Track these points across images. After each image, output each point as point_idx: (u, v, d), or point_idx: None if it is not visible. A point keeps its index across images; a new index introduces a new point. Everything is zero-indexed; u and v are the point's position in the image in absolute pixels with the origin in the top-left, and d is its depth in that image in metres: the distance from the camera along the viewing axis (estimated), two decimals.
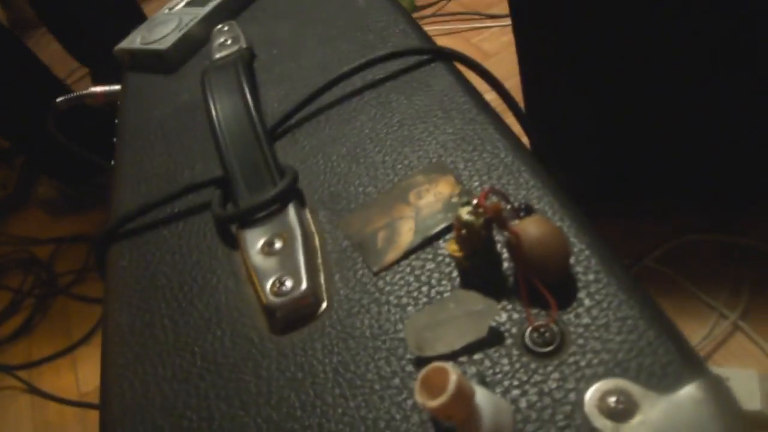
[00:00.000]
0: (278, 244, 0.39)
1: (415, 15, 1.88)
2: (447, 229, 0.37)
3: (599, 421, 0.27)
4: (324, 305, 0.36)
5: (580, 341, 0.30)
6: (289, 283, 0.36)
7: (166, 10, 0.70)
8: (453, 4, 1.92)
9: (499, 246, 0.35)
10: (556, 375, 0.30)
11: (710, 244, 1.01)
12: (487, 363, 0.31)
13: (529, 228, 0.32)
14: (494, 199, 0.34)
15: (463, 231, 0.32)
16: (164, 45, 0.63)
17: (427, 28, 0.59)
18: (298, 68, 0.56)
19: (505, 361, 0.31)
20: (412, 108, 0.46)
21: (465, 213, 0.32)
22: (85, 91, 0.75)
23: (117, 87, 0.72)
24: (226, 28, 0.64)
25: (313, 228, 0.40)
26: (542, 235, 0.32)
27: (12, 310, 1.49)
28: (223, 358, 0.36)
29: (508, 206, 0.34)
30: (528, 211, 0.35)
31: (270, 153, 0.43)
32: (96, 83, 0.76)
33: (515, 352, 0.31)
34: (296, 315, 0.36)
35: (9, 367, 1.35)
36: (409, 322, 0.33)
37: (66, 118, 0.74)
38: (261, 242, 0.39)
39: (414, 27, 0.55)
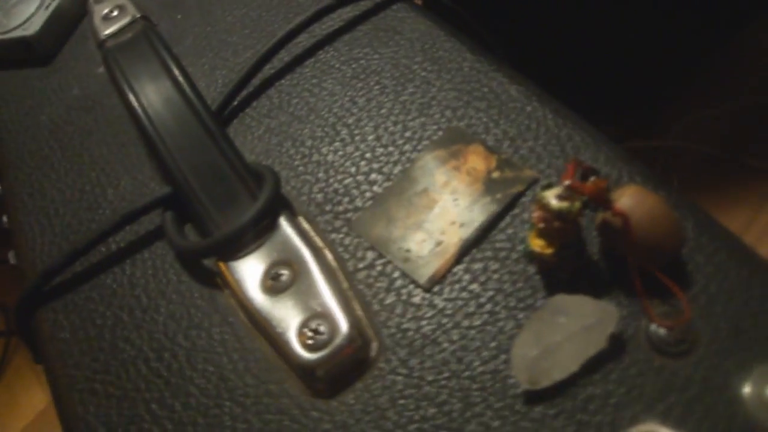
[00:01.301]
0: (285, 274, 0.30)
1: None
2: (499, 215, 0.29)
3: None
4: (374, 345, 0.28)
5: (713, 329, 0.24)
6: (323, 328, 0.27)
7: None
8: None
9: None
10: (699, 374, 0.23)
11: (648, 150, 1.00)
12: (616, 378, 0.24)
13: (633, 203, 0.25)
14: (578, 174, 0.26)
15: (556, 223, 0.24)
16: (30, 30, 0.50)
17: None
18: (217, 32, 0.44)
19: (633, 371, 0.24)
20: (389, 63, 0.37)
21: (553, 198, 0.24)
22: None
23: None
24: None
25: (319, 242, 0.31)
26: (651, 210, 0.25)
27: None
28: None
29: (593, 177, 0.26)
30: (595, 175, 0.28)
31: (232, 149, 0.33)
32: None
33: (645, 357, 0.25)
34: (344, 368, 0.27)
35: None
36: (516, 353, 0.25)
37: None
38: (259, 275, 0.30)
39: None
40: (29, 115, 0.47)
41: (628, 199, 0.25)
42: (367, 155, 0.34)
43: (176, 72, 0.36)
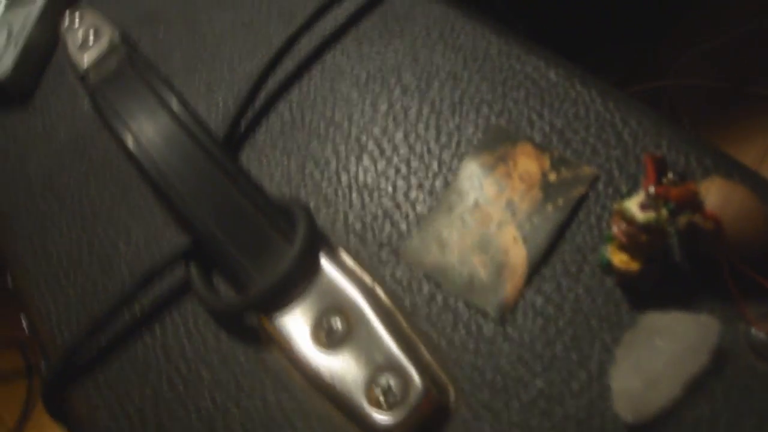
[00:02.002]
0: (339, 324, 0.27)
1: None
2: (565, 224, 0.26)
3: None
4: (451, 391, 0.25)
5: None
6: (393, 382, 0.25)
7: None
8: None
9: None
10: None
11: (655, 93, 0.96)
12: (722, 395, 0.22)
13: (722, 201, 0.22)
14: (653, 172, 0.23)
15: (643, 236, 0.21)
16: (1, 71, 0.46)
17: None
18: (207, 44, 0.40)
19: (739, 383, 0.22)
20: (407, 57, 0.33)
21: (636, 208, 0.21)
22: None
23: None
24: (76, 21, 0.46)
25: (368, 279, 0.28)
26: (741, 206, 0.22)
27: None
28: None
29: (670, 174, 0.23)
30: (680, 174, 0.24)
31: (250, 184, 0.30)
32: None
33: (749, 365, 0.22)
34: (424, 424, 0.24)
35: None
36: (618, 387, 0.22)
37: None
38: (309, 328, 0.27)
39: None
40: (16, 165, 0.44)
41: (716, 197, 0.22)
42: (402, 170, 0.30)
43: (174, 103, 0.32)
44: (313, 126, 0.34)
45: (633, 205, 0.21)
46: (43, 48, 0.47)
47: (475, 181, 0.28)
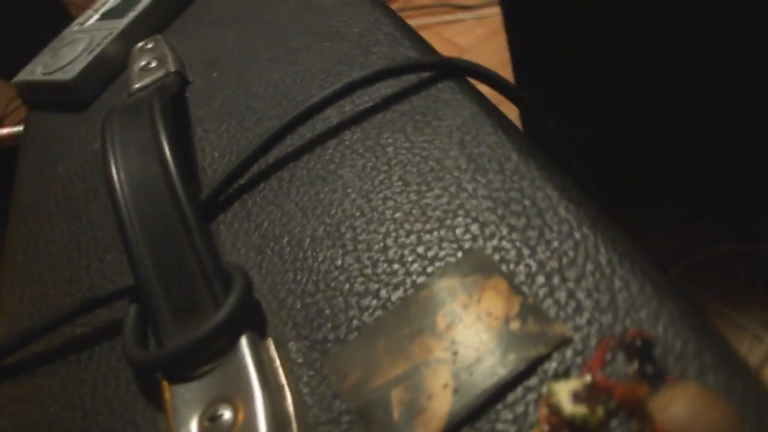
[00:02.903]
0: (226, 415, 0.23)
1: None
2: (508, 385, 0.22)
3: None
4: None
5: None
6: None
7: (76, 27, 0.54)
8: None
9: None
10: None
11: (736, 256, 0.89)
12: None
13: (688, 417, 0.17)
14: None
15: (565, 431, 0.17)
16: (69, 74, 0.47)
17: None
18: (247, 97, 0.40)
19: None
20: (419, 155, 0.31)
21: (567, 395, 0.17)
22: None
23: (20, 128, 0.56)
24: (149, 46, 0.47)
25: (282, 378, 0.25)
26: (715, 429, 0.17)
27: None
28: None
29: (636, 363, 0.18)
30: (655, 367, 0.20)
31: (204, 249, 0.27)
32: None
33: None
34: None
35: None
36: None
37: None
38: (200, 409, 0.24)
39: (404, 30, 0.40)
40: (50, 164, 0.44)
41: (683, 408, 0.17)
42: (367, 271, 0.27)
43: (166, 151, 0.31)
44: (303, 202, 0.31)
45: (564, 391, 0.17)
46: (114, 63, 0.48)
47: (431, 305, 0.24)
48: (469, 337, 0.23)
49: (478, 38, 1.54)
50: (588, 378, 0.17)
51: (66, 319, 0.30)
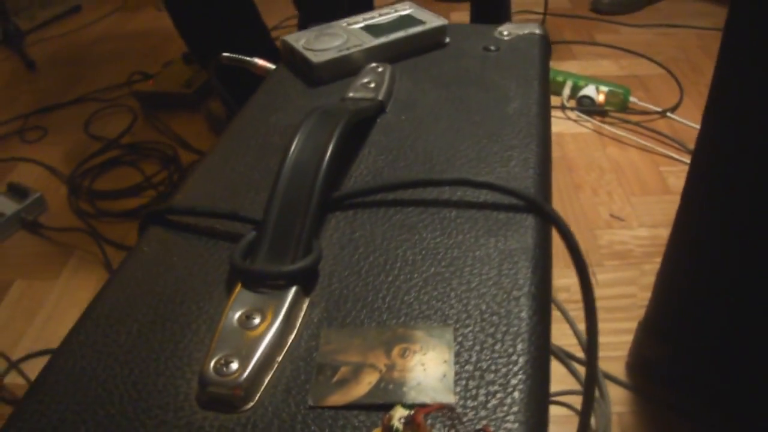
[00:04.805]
0: (256, 321, 0.37)
1: (621, 116, 1.79)
2: (388, 404, 0.34)
3: None
4: (250, 406, 0.34)
5: None
6: (234, 366, 0.35)
7: (345, 23, 0.71)
8: (664, 122, 1.81)
9: None
10: None
11: None
12: None
13: None
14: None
15: None
16: (318, 58, 0.64)
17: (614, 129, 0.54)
18: (411, 146, 0.54)
19: None
20: (471, 252, 0.43)
21: (399, 414, 0.29)
22: (248, 58, 0.77)
23: (273, 67, 0.74)
24: (379, 70, 0.63)
25: (298, 322, 0.39)
26: None
27: (134, 191, 1.60)
28: (147, 394, 0.35)
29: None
30: None
31: (309, 224, 0.42)
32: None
33: None
34: (222, 399, 0.34)
35: (103, 237, 1.47)
36: None
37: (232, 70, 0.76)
38: (244, 309, 0.38)
39: (540, 160, 0.51)
40: (270, 110, 0.61)
41: None
42: (387, 298, 0.40)
43: (328, 153, 0.45)
44: (385, 235, 0.45)
45: (398, 412, 0.29)
46: (350, 67, 0.64)
47: (400, 339, 0.37)
48: (406, 369, 0.35)
49: None
50: (412, 411, 0.29)
51: (215, 214, 0.46)
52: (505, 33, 0.73)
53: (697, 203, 0.89)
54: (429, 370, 0.35)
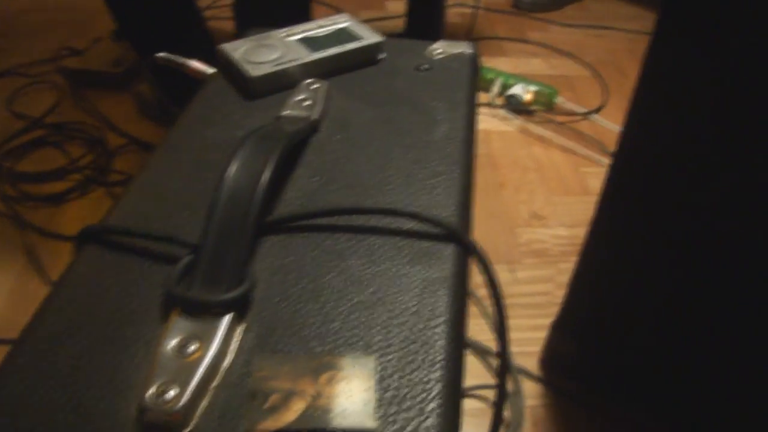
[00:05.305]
0: (192, 347, 0.40)
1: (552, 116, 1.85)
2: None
3: None
4: (187, 431, 0.37)
5: None
6: (171, 393, 0.37)
7: (283, 34, 0.72)
8: (587, 124, 1.89)
9: None
10: None
11: None
12: None
13: None
14: None
15: None
16: (255, 72, 0.65)
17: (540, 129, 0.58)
18: (343, 168, 0.56)
19: None
20: (395, 281, 0.46)
21: None
22: (183, 60, 0.77)
23: (211, 71, 0.75)
24: (314, 86, 0.65)
25: (233, 347, 0.41)
26: None
27: (58, 175, 1.57)
28: (88, 418, 0.37)
29: None
30: None
31: (244, 251, 0.44)
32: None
33: None
34: (160, 425, 0.37)
35: (26, 222, 1.43)
36: None
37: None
38: (181, 336, 0.40)
39: (462, 188, 0.55)
40: (206, 123, 0.62)
41: None
42: (315, 324, 0.43)
43: (265, 177, 0.47)
44: (315, 260, 0.47)
45: None
46: (286, 82, 0.66)
47: (323, 366, 0.40)
48: (331, 396, 0.38)
49: None
50: None
51: (149, 236, 0.48)
52: (438, 51, 0.76)
53: (612, 205, 0.95)
54: (353, 397, 0.38)
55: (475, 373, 1.20)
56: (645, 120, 0.86)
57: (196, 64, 0.77)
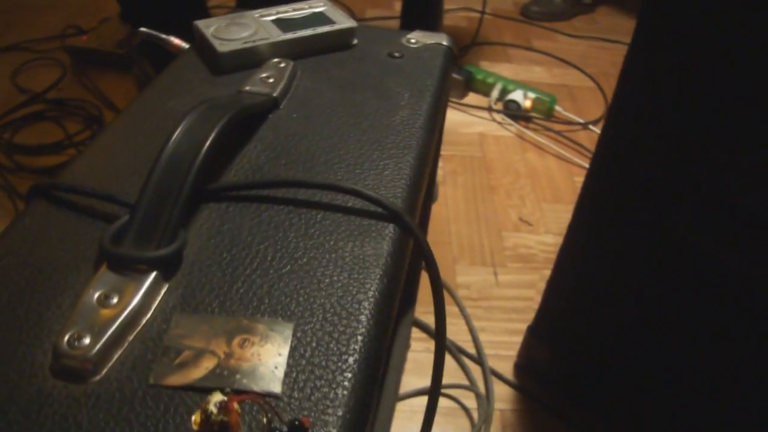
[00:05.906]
0: (113, 301, 0.40)
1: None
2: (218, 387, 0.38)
3: None
4: (97, 378, 0.37)
5: None
6: (86, 341, 0.38)
7: (257, 14, 0.73)
8: (585, 134, 1.88)
9: None
10: None
11: None
12: None
13: None
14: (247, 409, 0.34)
15: (203, 415, 0.33)
16: (223, 48, 0.66)
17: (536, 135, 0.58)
18: (296, 145, 0.57)
19: None
20: (328, 255, 0.47)
21: (215, 399, 0.33)
22: (164, 36, 0.78)
23: (186, 46, 0.75)
24: (281, 65, 0.66)
25: (154, 305, 0.42)
26: None
27: (54, 149, 1.58)
28: (6, 359, 0.38)
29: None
30: None
31: (177, 213, 0.45)
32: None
33: None
34: (72, 370, 0.37)
35: (18, 194, 1.45)
36: None
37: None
38: (104, 288, 0.41)
39: (413, 172, 0.55)
40: (171, 93, 0.63)
41: None
42: (240, 290, 0.43)
43: (207, 144, 0.47)
44: (252, 230, 0.48)
45: (216, 396, 0.33)
46: (254, 59, 0.67)
47: (238, 329, 0.40)
48: (242, 358, 0.39)
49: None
50: (225, 397, 0.32)
51: (94, 194, 0.48)
52: (413, 41, 0.76)
53: (585, 213, 0.95)
54: (263, 360, 0.39)
55: (449, 372, 1.20)
56: (618, 132, 0.86)
57: (176, 41, 0.78)
